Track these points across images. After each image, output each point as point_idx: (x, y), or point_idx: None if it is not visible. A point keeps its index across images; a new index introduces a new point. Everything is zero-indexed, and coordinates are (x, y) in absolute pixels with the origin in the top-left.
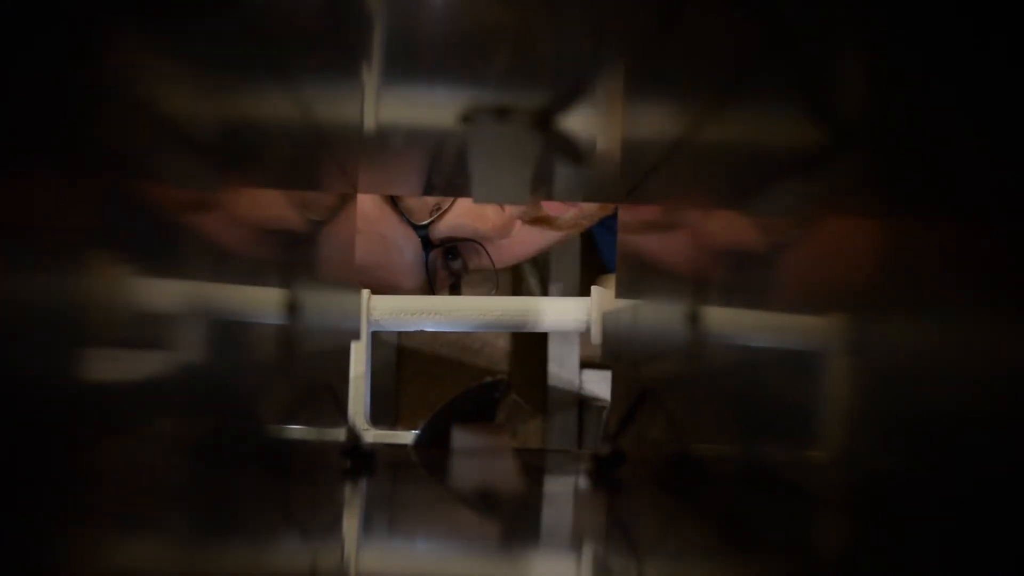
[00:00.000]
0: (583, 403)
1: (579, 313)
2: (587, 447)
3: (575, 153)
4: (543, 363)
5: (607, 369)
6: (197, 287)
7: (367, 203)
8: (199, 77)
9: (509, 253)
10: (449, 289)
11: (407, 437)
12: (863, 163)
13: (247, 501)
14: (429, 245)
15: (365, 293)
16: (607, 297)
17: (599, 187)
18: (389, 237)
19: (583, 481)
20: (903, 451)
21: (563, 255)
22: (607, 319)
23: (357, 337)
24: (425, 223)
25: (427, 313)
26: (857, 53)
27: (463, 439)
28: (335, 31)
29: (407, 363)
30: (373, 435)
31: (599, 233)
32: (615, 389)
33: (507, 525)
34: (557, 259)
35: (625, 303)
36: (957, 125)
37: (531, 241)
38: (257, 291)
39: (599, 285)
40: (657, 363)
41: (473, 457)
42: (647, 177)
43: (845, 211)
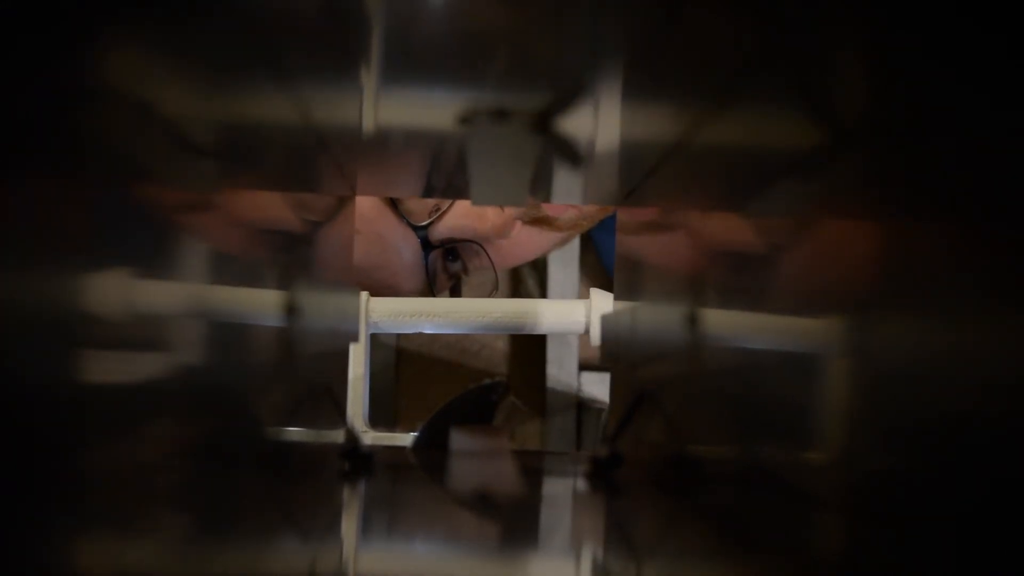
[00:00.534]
0: (582, 405)
1: (578, 315)
2: (585, 449)
3: (574, 155)
4: (542, 365)
5: (606, 371)
6: (195, 288)
7: (366, 204)
8: (197, 78)
9: (509, 254)
10: (449, 291)
11: (406, 439)
12: (861, 164)
13: (246, 503)
14: (429, 246)
15: (364, 295)
16: (605, 299)
17: (597, 189)
18: (388, 238)
19: (581, 483)
20: (901, 452)
21: (562, 257)
22: (606, 321)
23: (356, 339)
24: (424, 224)
25: (426, 315)
26: (856, 53)
27: (462, 441)
28: (334, 32)
29: (406, 365)
30: (372, 437)
31: (598, 235)
32: (614, 391)
33: (506, 527)
34: (556, 261)
35: (624, 305)
36: (957, 126)
37: (531, 242)
38: (255, 293)
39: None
40: (656, 365)
41: (471, 459)
42: (645, 179)
43: (843, 212)
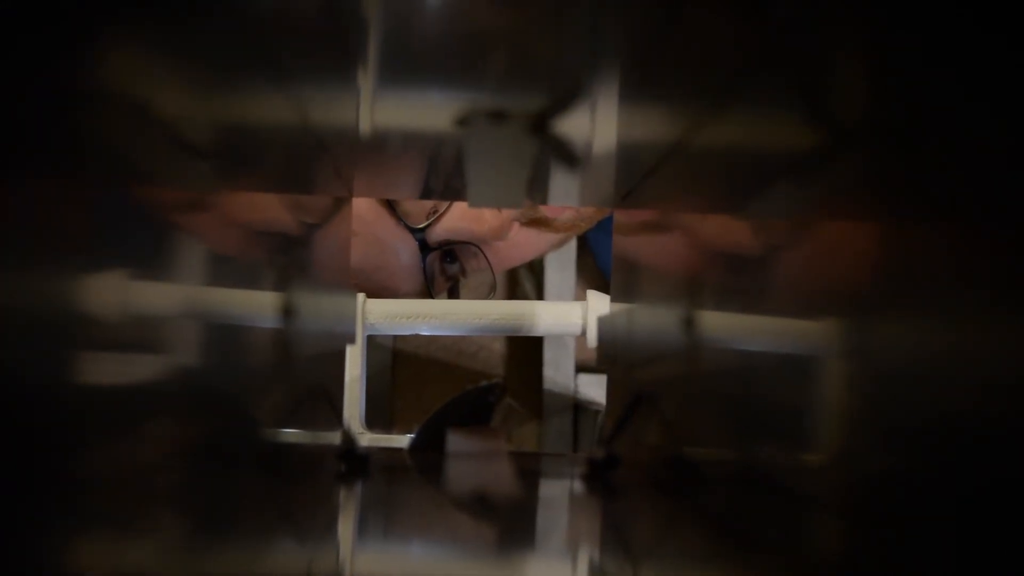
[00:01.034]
0: (578, 407)
1: (575, 317)
2: (582, 450)
3: (571, 157)
4: (538, 367)
5: (602, 373)
6: (192, 290)
7: (363, 206)
8: (196, 79)
9: (507, 256)
10: (447, 293)
11: (402, 440)
12: (861, 165)
13: (243, 503)
14: (426, 248)
15: (361, 296)
16: (602, 301)
17: (595, 191)
18: (385, 240)
19: (578, 484)
20: (901, 452)
21: (559, 259)
22: (602, 323)
23: (352, 341)
24: (422, 226)
25: (422, 317)
26: (855, 54)
27: (458, 443)
28: (332, 33)
29: (402, 366)
30: (368, 439)
31: (594, 237)
32: (610, 393)
33: (502, 529)
34: (552, 263)
35: (620, 307)
36: (956, 126)
37: (529, 244)
38: (252, 294)
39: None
40: (652, 367)
41: (468, 461)
42: (643, 180)
43: (842, 213)
